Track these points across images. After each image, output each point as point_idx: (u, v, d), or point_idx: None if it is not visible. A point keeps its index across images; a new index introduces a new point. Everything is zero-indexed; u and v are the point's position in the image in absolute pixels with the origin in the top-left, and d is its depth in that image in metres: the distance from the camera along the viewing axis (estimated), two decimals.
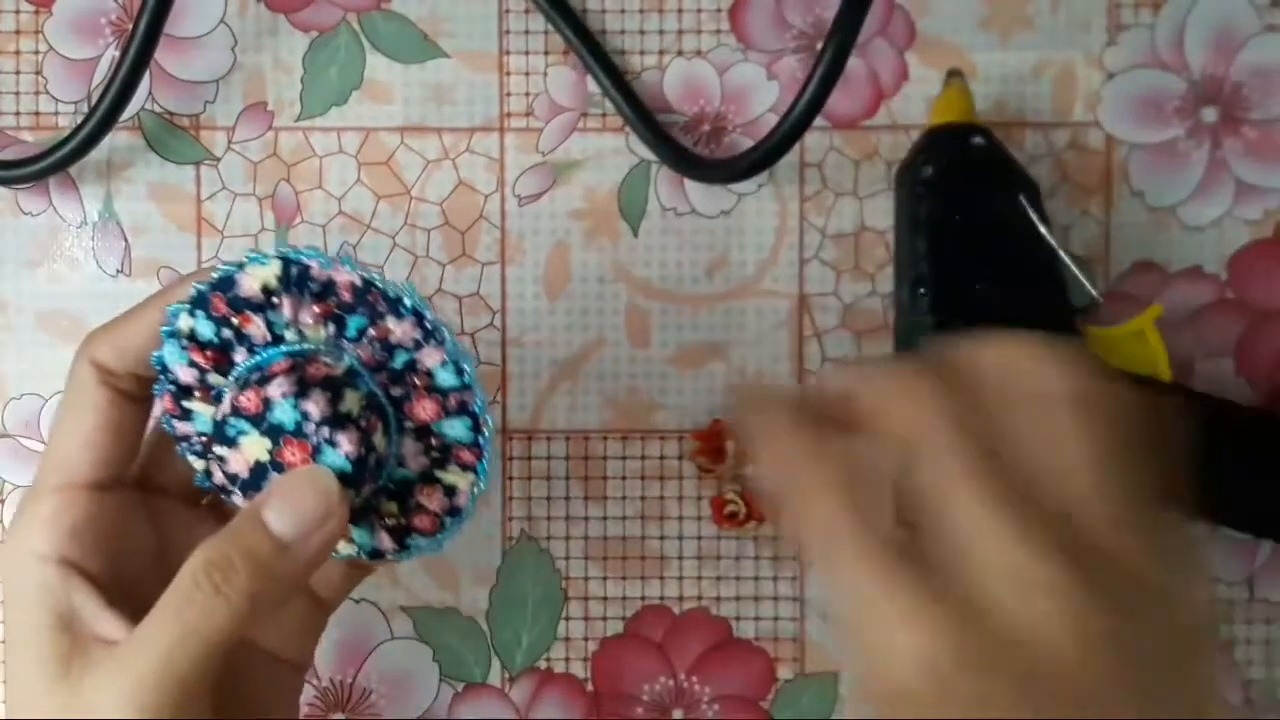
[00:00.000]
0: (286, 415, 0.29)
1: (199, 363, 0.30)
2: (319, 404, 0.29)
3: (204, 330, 0.30)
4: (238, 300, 0.30)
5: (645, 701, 0.41)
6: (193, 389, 0.31)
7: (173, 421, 0.31)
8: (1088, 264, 0.41)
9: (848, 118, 0.41)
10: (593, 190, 0.42)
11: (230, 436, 0.30)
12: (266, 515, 0.29)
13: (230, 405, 0.30)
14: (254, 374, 0.30)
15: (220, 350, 0.30)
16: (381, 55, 0.41)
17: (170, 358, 0.31)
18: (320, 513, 0.29)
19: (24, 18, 0.41)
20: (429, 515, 0.32)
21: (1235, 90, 0.41)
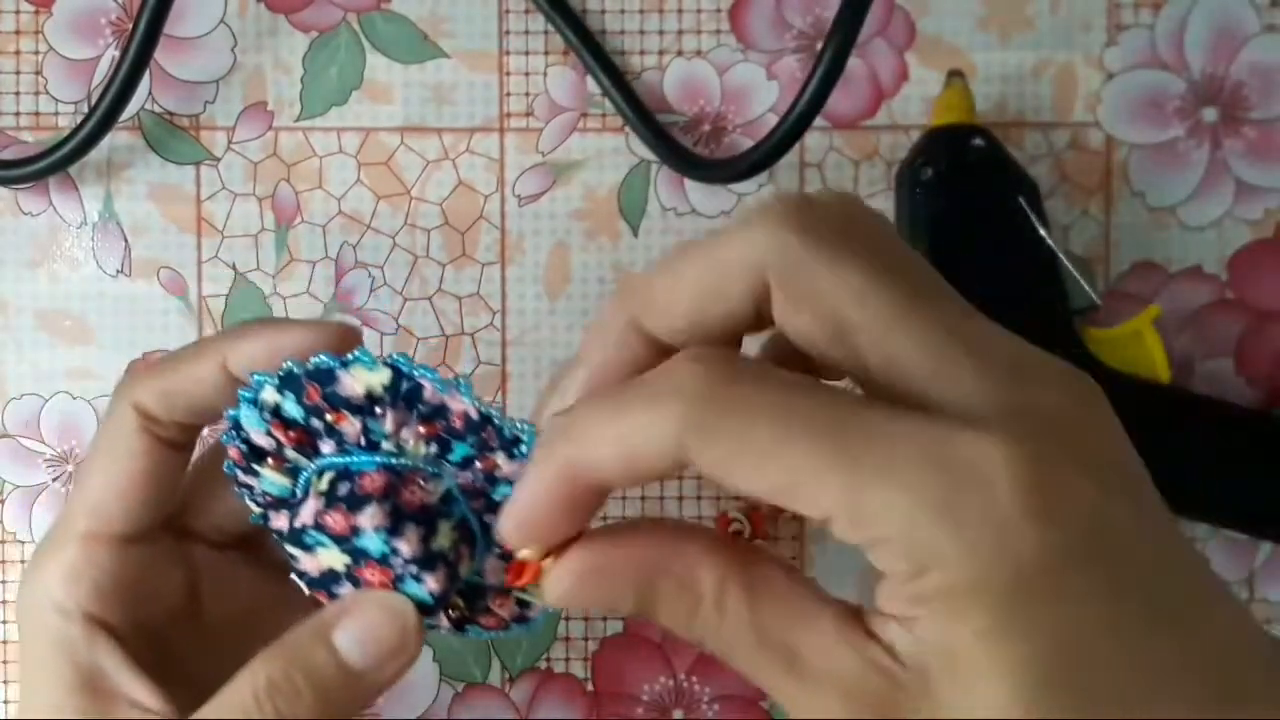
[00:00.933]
0: (374, 545, 0.27)
1: (279, 437, 0.29)
2: (411, 543, 0.27)
3: (291, 410, 0.28)
4: (335, 397, 0.28)
5: (645, 701, 0.41)
6: (266, 454, 0.29)
7: (237, 470, 0.30)
8: (1088, 264, 0.41)
9: (848, 118, 0.41)
10: (593, 190, 0.42)
11: (307, 544, 0.28)
12: (337, 637, 0.27)
13: (313, 519, 0.28)
14: (343, 480, 0.28)
15: (306, 433, 0.28)
16: (381, 55, 0.41)
17: (247, 421, 0.29)
18: (395, 646, 0.27)
19: (24, 18, 0.41)
20: (496, 618, 0.30)
21: (1235, 90, 0.41)
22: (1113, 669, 0.20)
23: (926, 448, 0.20)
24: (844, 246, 0.22)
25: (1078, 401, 0.22)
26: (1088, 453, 0.21)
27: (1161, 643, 0.21)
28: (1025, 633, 0.20)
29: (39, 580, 0.29)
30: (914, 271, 0.23)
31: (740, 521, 0.41)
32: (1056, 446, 0.21)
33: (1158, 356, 0.38)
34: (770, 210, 0.23)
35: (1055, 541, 0.20)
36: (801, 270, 0.22)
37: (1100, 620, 0.20)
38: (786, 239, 0.22)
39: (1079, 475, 0.21)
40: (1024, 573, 0.20)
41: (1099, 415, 0.22)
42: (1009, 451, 0.20)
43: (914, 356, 0.21)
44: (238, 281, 0.41)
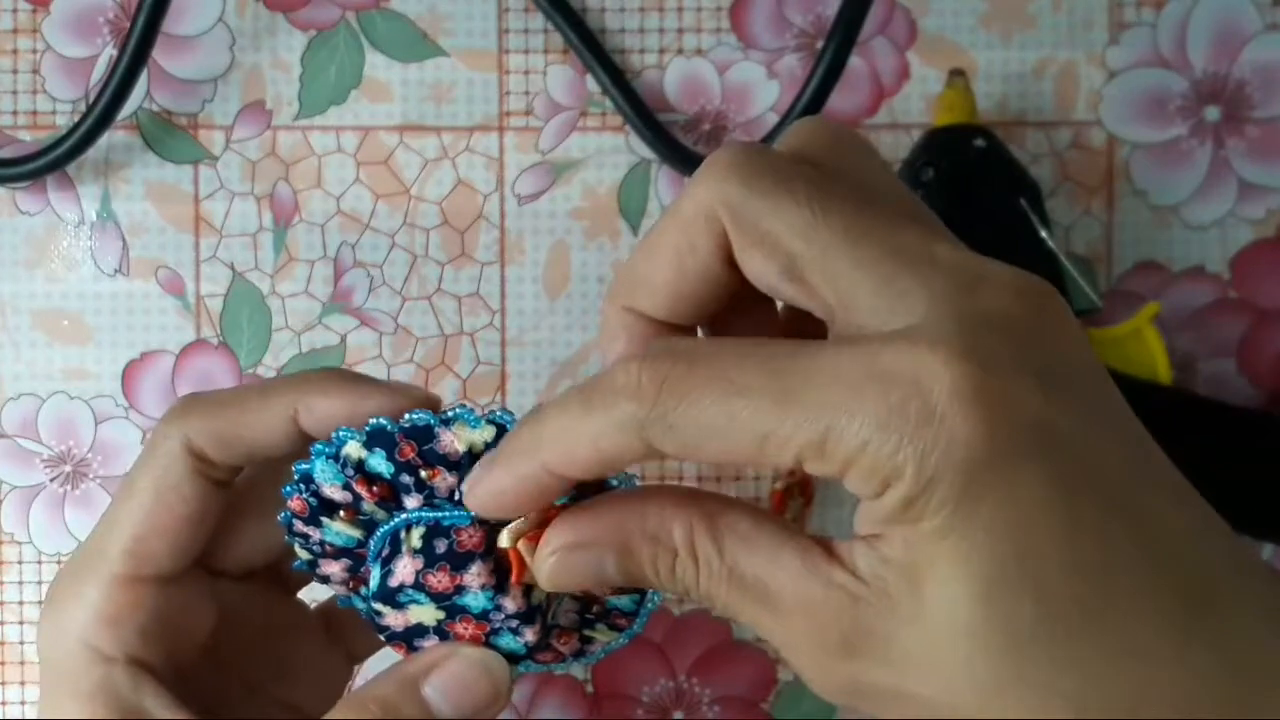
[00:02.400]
0: (477, 602, 0.27)
1: (360, 493, 0.28)
2: (516, 600, 0.27)
3: (378, 466, 0.27)
4: (432, 454, 0.27)
5: (645, 703, 0.41)
6: (339, 507, 0.28)
7: (296, 520, 0.29)
8: (1090, 264, 0.41)
9: (849, 116, 0.41)
10: (592, 189, 0.41)
11: (400, 602, 0.28)
12: (427, 693, 0.27)
13: (414, 578, 0.27)
14: (438, 537, 0.28)
15: (391, 489, 0.28)
16: (380, 54, 0.41)
17: (321, 476, 0.28)
18: (487, 700, 0.27)
19: (21, 16, 0.41)
20: (553, 653, 0.30)
21: (1238, 89, 0.41)
22: (1067, 567, 0.20)
23: (864, 368, 0.21)
24: (788, 184, 0.23)
25: (1027, 305, 0.22)
26: (1033, 353, 0.21)
27: (1119, 541, 0.20)
28: (976, 530, 0.20)
29: (70, 618, 0.28)
30: (874, 199, 0.23)
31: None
32: (998, 347, 0.21)
33: (1158, 354, 0.38)
34: (716, 158, 0.23)
35: (1000, 438, 0.20)
36: (746, 211, 0.23)
37: (1052, 516, 0.20)
38: (730, 183, 0.23)
39: (1020, 374, 0.21)
40: (971, 471, 0.20)
41: (1050, 317, 0.22)
42: (946, 355, 0.20)
43: (862, 282, 0.22)
44: (236, 281, 0.41)
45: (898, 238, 0.22)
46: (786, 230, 0.22)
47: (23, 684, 0.41)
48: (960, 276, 0.22)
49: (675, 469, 0.41)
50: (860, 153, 0.25)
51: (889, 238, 0.22)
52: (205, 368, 0.41)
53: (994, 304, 0.21)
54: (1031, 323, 0.22)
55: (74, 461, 0.41)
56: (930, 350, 0.20)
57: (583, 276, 0.41)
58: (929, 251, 0.22)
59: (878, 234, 0.22)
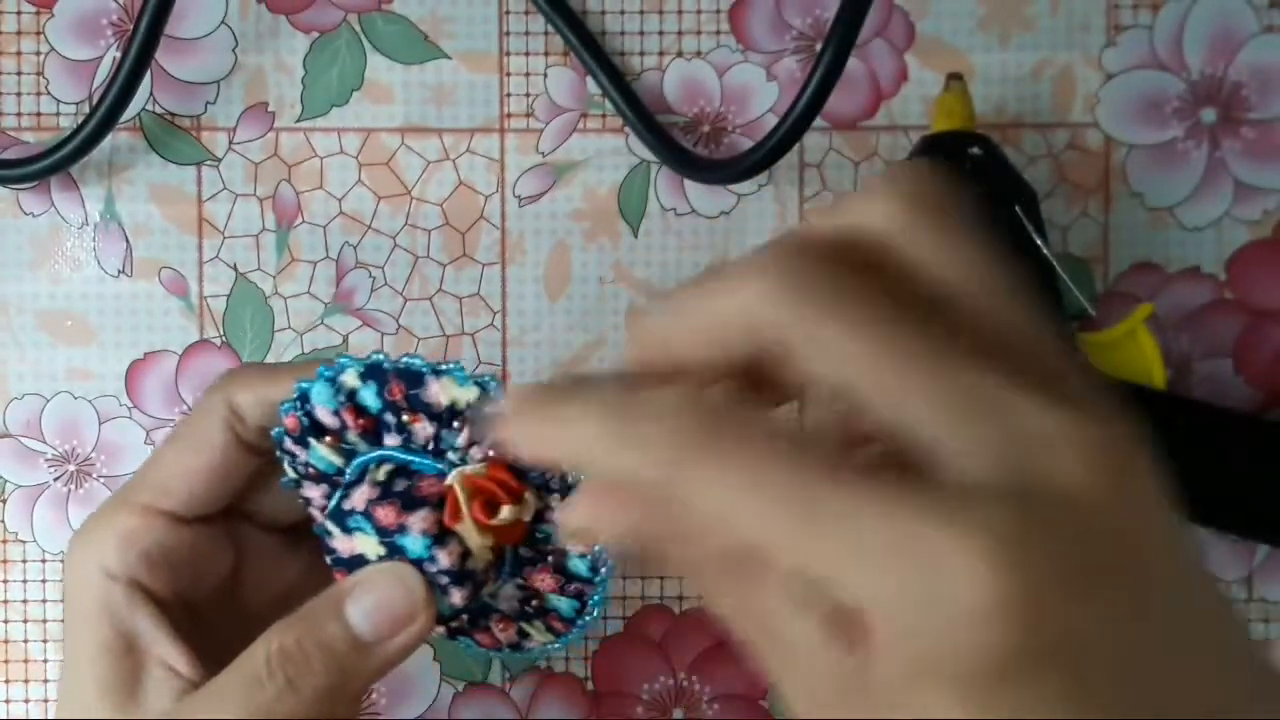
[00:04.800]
0: (415, 547, 0.28)
1: (346, 420, 0.29)
2: (452, 556, 0.28)
3: (367, 399, 0.29)
4: (418, 400, 0.29)
5: (645, 701, 0.41)
6: (326, 432, 0.30)
7: (286, 437, 0.30)
8: (1087, 265, 0.41)
9: (847, 118, 0.41)
10: (593, 190, 0.42)
11: (349, 526, 0.29)
12: (348, 608, 0.28)
13: (364, 505, 0.28)
14: (401, 477, 0.29)
15: (376, 423, 0.29)
16: (382, 56, 0.42)
17: (318, 396, 0.29)
18: (405, 616, 0.28)
19: (25, 18, 0.41)
20: (492, 638, 0.31)
21: (1234, 91, 0.41)
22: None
23: (891, 531, 0.18)
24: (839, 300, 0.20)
25: (1099, 479, 0.19)
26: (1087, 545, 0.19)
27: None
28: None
29: (90, 541, 0.30)
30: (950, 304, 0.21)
31: None
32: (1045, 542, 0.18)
33: (1152, 356, 0.38)
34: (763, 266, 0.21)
35: (1017, 648, 0.18)
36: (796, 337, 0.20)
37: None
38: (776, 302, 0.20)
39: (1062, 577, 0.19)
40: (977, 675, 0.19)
41: (1124, 491, 0.20)
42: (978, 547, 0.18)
43: (921, 418, 0.20)
44: (239, 282, 0.42)
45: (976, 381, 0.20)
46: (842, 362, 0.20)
47: (26, 682, 0.41)
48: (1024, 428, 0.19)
49: None
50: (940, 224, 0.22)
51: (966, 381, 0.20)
52: (208, 368, 0.41)
53: (1061, 477, 0.19)
54: (1097, 502, 0.19)
55: (78, 461, 0.42)
56: (970, 542, 0.18)
57: (583, 277, 0.42)
58: (1007, 403, 0.19)
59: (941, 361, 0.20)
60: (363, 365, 0.29)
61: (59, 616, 0.41)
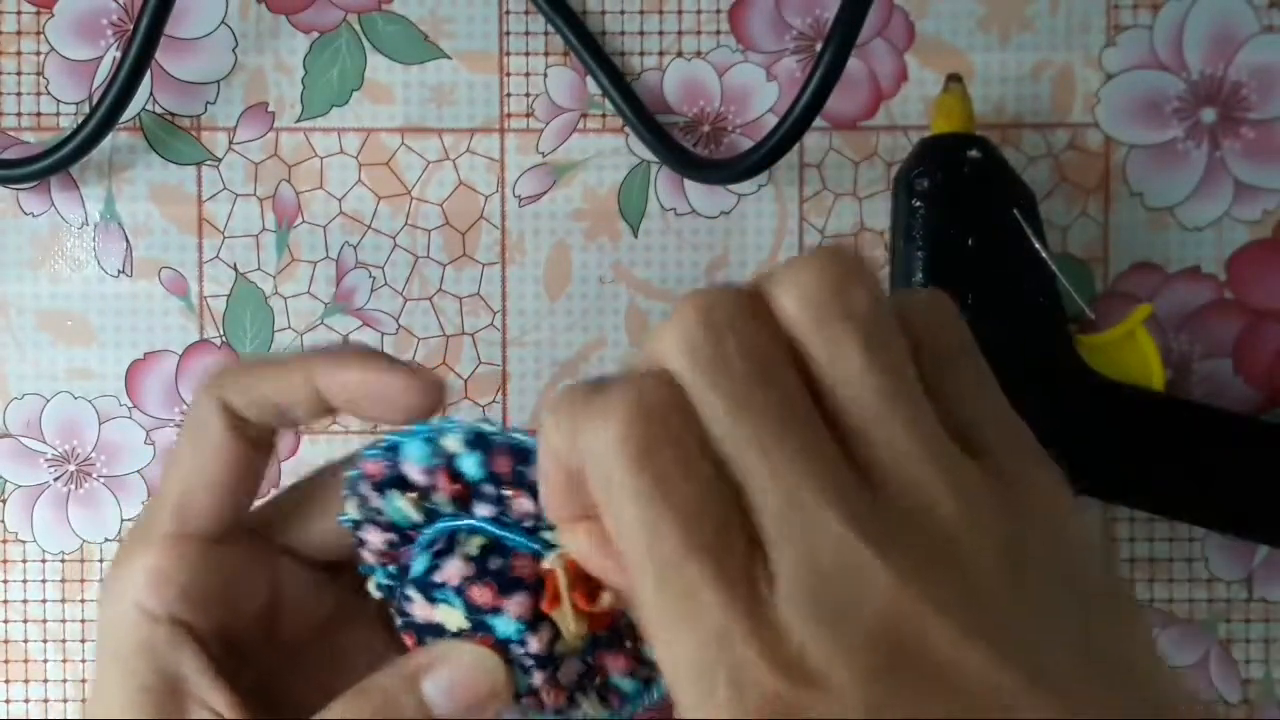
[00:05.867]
0: (507, 630, 0.27)
1: (438, 483, 0.28)
2: (541, 641, 0.27)
3: (468, 467, 0.28)
4: (524, 477, 0.27)
5: None
6: (409, 488, 0.28)
7: (364, 481, 0.29)
8: (1086, 265, 0.41)
9: (847, 118, 0.42)
10: (593, 190, 0.42)
11: (434, 597, 0.28)
12: (426, 687, 0.27)
13: (458, 580, 0.28)
14: (495, 555, 0.28)
15: (468, 490, 0.28)
16: (382, 56, 0.42)
17: (410, 454, 0.28)
18: (484, 699, 0.27)
19: (25, 18, 0.41)
20: (538, 702, 0.30)
21: (1234, 91, 0.41)
22: None
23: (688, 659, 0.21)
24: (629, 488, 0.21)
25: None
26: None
27: None
28: None
29: (124, 578, 0.29)
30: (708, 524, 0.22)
31: None
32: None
33: (1151, 357, 0.38)
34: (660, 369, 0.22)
35: None
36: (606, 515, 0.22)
37: None
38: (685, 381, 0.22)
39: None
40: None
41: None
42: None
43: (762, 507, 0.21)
44: (239, 282, 0.42)
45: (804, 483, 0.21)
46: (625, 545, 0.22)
47: (26, 682, 0.41)
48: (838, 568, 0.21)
49: None
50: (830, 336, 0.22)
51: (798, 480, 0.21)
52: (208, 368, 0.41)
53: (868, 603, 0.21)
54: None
55: (78, 461, 0.42)
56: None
57: (583, 277, 0.42)
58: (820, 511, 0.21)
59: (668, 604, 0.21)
60: (468, 432, 0.27)
61: (59, 617, 0.41)
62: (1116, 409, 0.38)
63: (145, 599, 0.29)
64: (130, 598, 0.29)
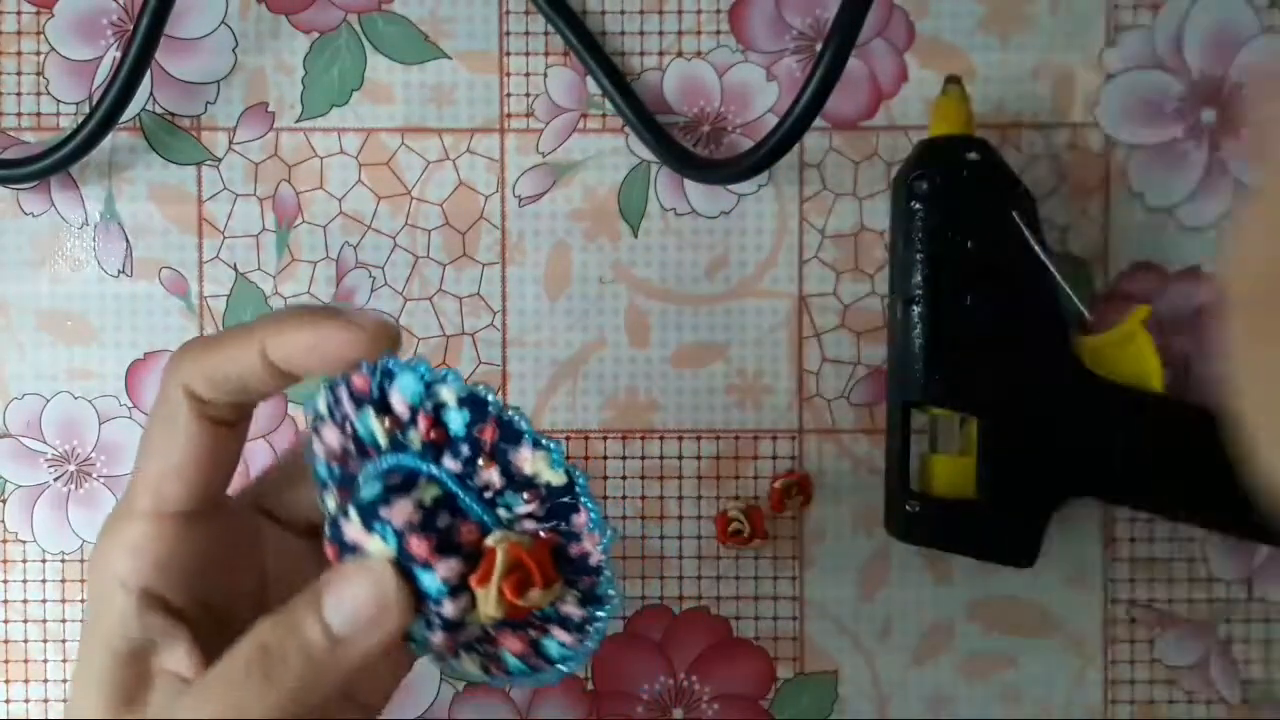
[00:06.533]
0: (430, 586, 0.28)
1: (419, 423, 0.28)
2: (457, 609, 0.28)
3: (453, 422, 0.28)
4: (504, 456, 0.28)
5: (645, 701, 0.41)
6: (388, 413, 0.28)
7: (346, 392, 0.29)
8: (1086, 265, 0.41)
9: (847, 118, 0.42)
10: (593, 190, 0.42)
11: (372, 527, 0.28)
12: (324, 605, 0.28)
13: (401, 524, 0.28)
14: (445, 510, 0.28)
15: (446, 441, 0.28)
16: (382, 56, 0.42)
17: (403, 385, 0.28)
18: (374, 614, 0.28)
19: (25, 18, 0.41)
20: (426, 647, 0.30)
21: (1234, 91, 0.41)
22: None
23: None
24: None
25: None
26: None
27: None
28: None
29: (104, 553, 0.30)
30: None
31: (740, 521, 0.41)
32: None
33: (1150, 358, 0.38)
34: None
35: None
36: None
37: None
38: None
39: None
40: None
41: None
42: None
43: None
44: (239, 282, 0.42)
45: None
46: None
47: (26, 682, 0.41)
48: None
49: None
50: None
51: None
52: None
53: None
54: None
55: (78, 461, 0.42)
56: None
57: (583, 277, 0.42)
58: None
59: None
60: (465, 391, 0.27)
61: (59, 616, 0.42)
62: (1116, 410, 0.38)
63: (123, 572, 0.29)
64: (110, 572, 0.29)
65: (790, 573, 0.42)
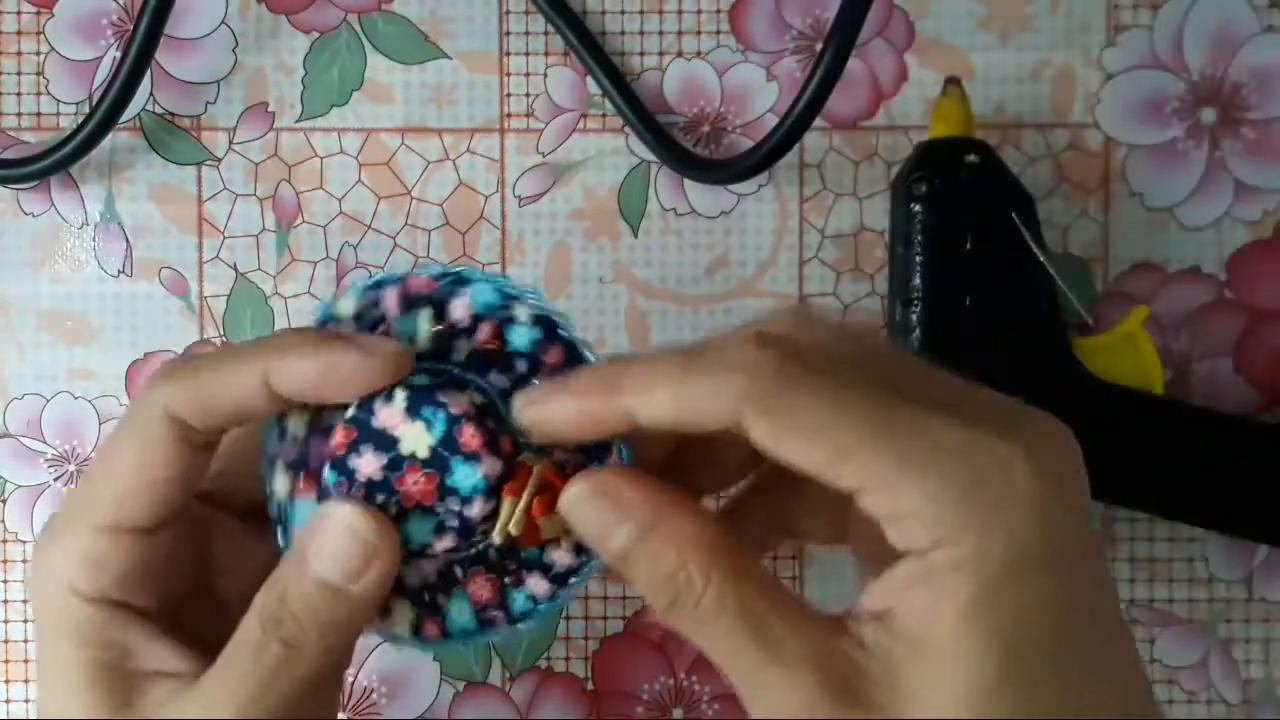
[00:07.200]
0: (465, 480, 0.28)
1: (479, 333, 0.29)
2: (483, 511, 0.28)
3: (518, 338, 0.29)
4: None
5: (645, 701, 0.41)
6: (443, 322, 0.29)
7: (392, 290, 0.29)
8: (1087, 266, 0.41)
9: (847, 118, 0.42)
10: (593, 190, 0.42)
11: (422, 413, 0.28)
12: (312, 562, 0.28)
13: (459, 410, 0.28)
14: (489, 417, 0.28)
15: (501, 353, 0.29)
16: (382, 56, 0.42)
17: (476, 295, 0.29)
18: (366, 556, 0.28)
19: (25, 18, 0.41)
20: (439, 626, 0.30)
21: (1234, 90, 0.41)
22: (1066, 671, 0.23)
23: (954, 436, 0.23)
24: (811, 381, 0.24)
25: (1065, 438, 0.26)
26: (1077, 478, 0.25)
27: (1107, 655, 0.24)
28: (1005, 619, 0.23)
29: (56, 566, 0.29)
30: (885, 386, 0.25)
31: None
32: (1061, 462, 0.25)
33: (1150, 359, 0.38)
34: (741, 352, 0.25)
35: (1045, 546, 0.23)
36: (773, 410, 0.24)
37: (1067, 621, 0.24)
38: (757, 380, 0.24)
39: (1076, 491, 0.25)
40: (1020, 557, 0.23)
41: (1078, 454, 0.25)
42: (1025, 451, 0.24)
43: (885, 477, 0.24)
44: (239, 282, 0.42)
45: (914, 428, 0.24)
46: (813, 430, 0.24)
47: (26, 682, 0.41)
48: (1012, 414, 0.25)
49: None
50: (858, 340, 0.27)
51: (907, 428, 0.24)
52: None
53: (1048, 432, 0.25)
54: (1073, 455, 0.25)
55: (78, 461, 0.42)
56: (1020, 446, 0.24)
57: (583, 278, 0.42)
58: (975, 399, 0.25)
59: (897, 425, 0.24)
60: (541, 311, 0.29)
61: None
62: (1116, 412, 0.38)
63: (80, 585, 0.28)
64: (64, 579, 0.29)
65: (790, 572, 0.42)
